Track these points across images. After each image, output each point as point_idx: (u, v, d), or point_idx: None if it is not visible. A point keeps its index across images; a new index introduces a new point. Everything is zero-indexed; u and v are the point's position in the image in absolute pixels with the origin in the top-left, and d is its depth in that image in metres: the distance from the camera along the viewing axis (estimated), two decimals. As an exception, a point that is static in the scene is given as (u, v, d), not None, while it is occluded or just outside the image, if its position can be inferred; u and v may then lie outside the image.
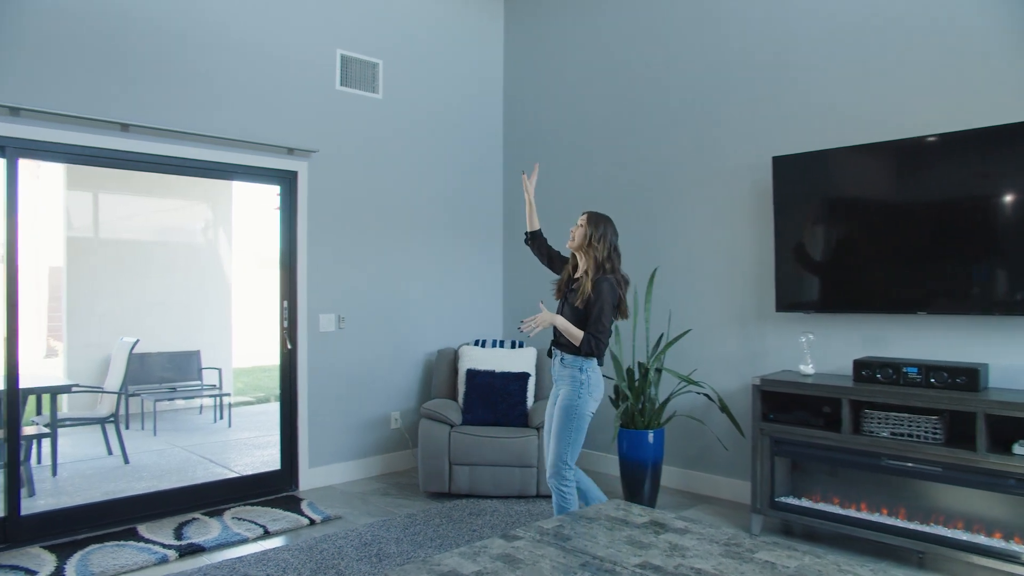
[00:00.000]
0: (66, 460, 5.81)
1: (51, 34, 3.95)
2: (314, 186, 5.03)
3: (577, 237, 3.48)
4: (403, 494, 4.89)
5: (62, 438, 6.33)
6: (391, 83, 5.41)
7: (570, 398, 3.39)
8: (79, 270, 7.50)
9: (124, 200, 7.98)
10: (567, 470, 3.39)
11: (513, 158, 6.13)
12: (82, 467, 5.67)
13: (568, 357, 3.44)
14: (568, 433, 3.38)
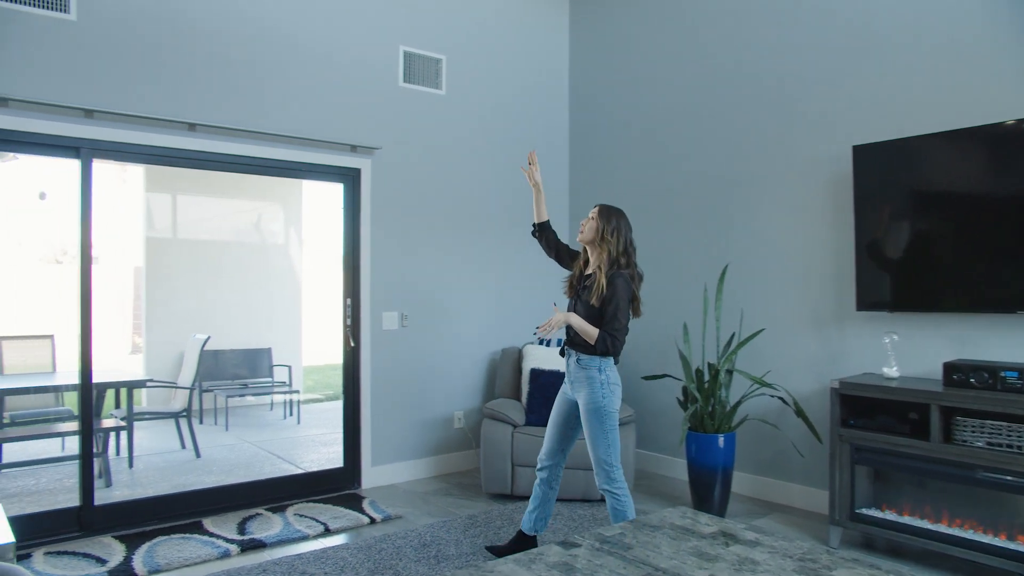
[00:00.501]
0: (143, 452, 5.97)
1: (122, 37, 4.03)
2: (377, 183, 5.02)
3: (588, 230, 3.38)
4: (465, 495, 4.81)
5: (140, 431, 6.55)
6: (454, 78, 5.36)
7: (595, 400, 3.27)
8: (157, 270, 7.73)
9: (200, 201, 8.20)
10: (615, 471, 3.27)
11: (580, 152, 6.00)
12: (157, 460, 5.82)
13: (584, 357, 3.32)
14: (604, 435, 3.27)
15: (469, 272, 5.48)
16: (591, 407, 3.28)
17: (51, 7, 3.84)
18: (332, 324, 4.98)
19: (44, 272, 9.37)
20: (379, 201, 5.04)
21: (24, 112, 3.77)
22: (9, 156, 5.13)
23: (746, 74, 4.81)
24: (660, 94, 5.36)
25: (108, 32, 4.00)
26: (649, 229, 5.41)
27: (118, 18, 4.02)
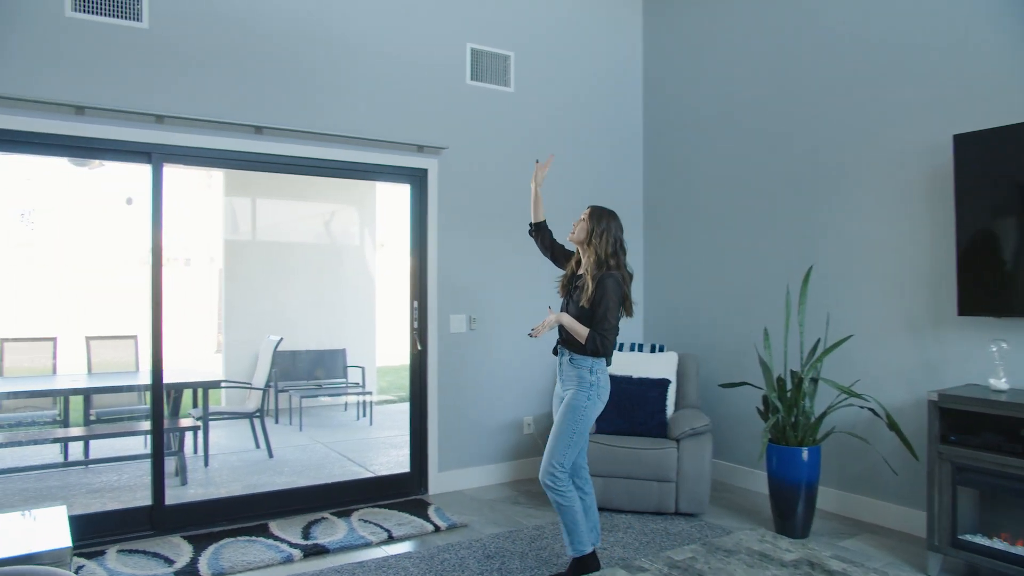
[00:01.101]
0: (219, 451, 6.09)
1: (192, 43, 4.07)
2: (444, 184, 4.93)
3: (579, 231, 3.41)
4: (533, 503, 4.67)
5: (218, 430, 6.70)
6: (523, 75, 5.22)
7: (577, 399, 3.29)
8: (236, 271, 7.90)
9: (278, 204, 8.35)
10: (561, 471, 3.26)
11: (654, 150, 5.76)
12: (231, 459, 5.91)
13: (577, 357, 3.34)
14: (570, 435, 3.27)
15: (539, 272, 5.31)
16: (572, 404, 3.30)
17: (125, 16, 3.91)
18: (405, 325, 4.93)
19: (137, 273, 9.76)
20: (446, 202, 4.95)
21: (99, 120, 3.85)
22: (95, 163, 5.27)
23: (831, 62, 4.49)
24: (739, 85, 5.08)
25: (178, 39, 4.04)
26: (727, 228, 5.14)
27: (188, 25, 4.06)
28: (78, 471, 5.34)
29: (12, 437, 5.39)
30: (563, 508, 3.28)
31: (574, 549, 3.32)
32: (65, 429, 5.65)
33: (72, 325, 6.56)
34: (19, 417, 5.61)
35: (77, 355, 6.12)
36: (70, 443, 5.55)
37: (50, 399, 5.70)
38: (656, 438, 4.55)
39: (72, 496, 4.77)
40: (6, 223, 7.47)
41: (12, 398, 5.56)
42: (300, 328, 7.98)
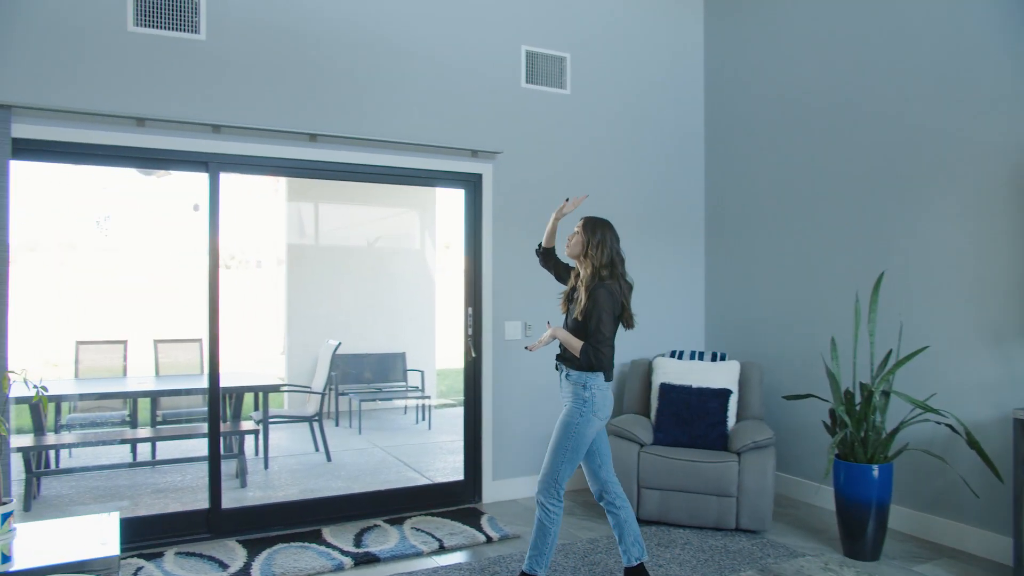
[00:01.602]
0: (280, 454, 6.18)
1: (247, 54, 4.12)
2: (499, 188, 4.87)
3: (575, 244, 3.33)
4: (588, 515, 4.56)
5: (280, 432, 6.80)
6: (579, 77, 5.12)
7: (570, 416, 3.21)
8: (298, 276, 8.03)
9: (338, 209, 8.45)
10: (557, 489, 3.20)
11: (716, 152, 5.57)
12: (291, 462, 5.99)
13: (573, 373, 3.26)
14: (564, 452, 3.19)
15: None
16: (565, 421, 3.22)
17: (183, 29, 3.98)
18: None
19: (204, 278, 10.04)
20: (501, 206, 4.89)
21: (159, 131, 3.93)
22: (162, 172, 5.41)
23: (906, 53, 4.23)
24: (807, 83, 4.85)
25: (234, 50, 4.09)
26: (792, 231, 4.93)
27: (243, 36, 4.11)
28: (145, 471, 5.50)
29: (85, 437, 5.59)
30: (542, 526, 3.21)
31: (529, 566, 3.23)
32: (133, 430, 5.82)
33: (142, 328, 6.77)
34: (91, 417, 5.82)
35: (146, 357, 6.31)
36: (138, 443, 5.73)
37: (121, 400, 5.88)
38: (716, 451, 4.38)
39: (138, 495, 4.90)
40: (83, 231, 7.80)
41: (85, 399, 5.77)
42: (360, 331, 8.06)
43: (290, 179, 7.84)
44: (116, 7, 3.83)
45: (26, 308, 8.62)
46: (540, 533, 3.21)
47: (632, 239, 5.29)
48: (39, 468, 5.00)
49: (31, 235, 8.97)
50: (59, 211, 7.97)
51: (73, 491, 5.03)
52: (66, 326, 7.54)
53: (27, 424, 5.20)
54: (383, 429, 7.45)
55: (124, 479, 5.32)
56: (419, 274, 8.89)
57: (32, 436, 5.10)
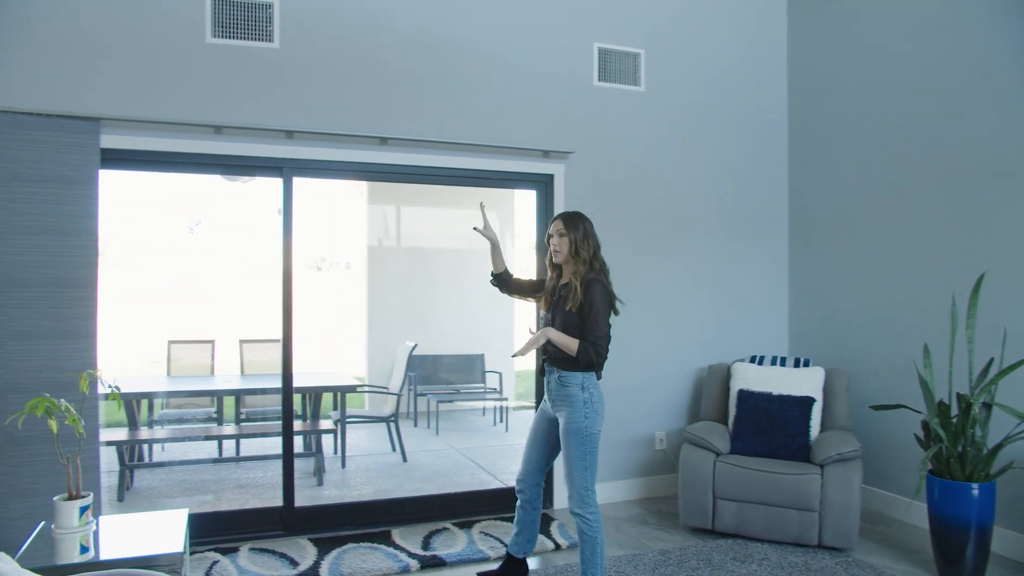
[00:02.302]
0: (358, 453, 6.29)
1: (319, 61, 4.19)
2: (571, 189, 4.79)
3: (563, 248, 3.23)
4: (661, 524, 4.42)
5: (360, 432, 6.93)
6: (654, 73, 4.97)
7: (577, 421, 3.13)
8: (378, 277, 8.17)
9: (418, 212, 8.55)
10: (590, 495, 3.14)
11: (801, 149, 5.30)
12: (367, 461, 6.08)
13: (566, 374, 3.18)
14: (583, 458, 3.13)
15: (672, 281, 5.06)
16: (572, 428, 3.14)
17: (258, 38, 4.08)
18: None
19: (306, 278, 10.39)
20: (574, 207, 4.76)
21: (235, 138, 4.04)
22: (246, 177, 5.60)
23: (1009, 38, 3.90)
24: (898, 73, 4.55)
25: (306, 57, 4.17)
26: (883, 230, 4.63)
27: (315, 43, 4.19)
28: (229, 467, 5.69)
29: (174, 432, 5.85)
30: (586, 537, 3.14)
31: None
32: (219, 427, 6.04)
33: (230, 328, 7.05)
34: (181, 413, 6.08)
35: (233, 357, 6.55)
36: (223, 440, 5.94)
37: (209, 397, 6.12)
38: (797, 462, 4.16)
39: (221, 490, 5.07)
40: (176, 235, 8.21)
41: (174, 396, 6.03)
42: (440, 333, 8.12)
43: (371, 183, 8.02)
44: (195, 20, 3.96)
45: (131, 308, 9.14)
46: (589, 545, 3.15)
47: (710, 239, 5.13)
48: (132, 461, 5.25)
49: (139, 240, 9.50)
50: (158, 217, 8.41)
51: (163, 484, 5.26)
52: (163, 326, 7.92)
53: (123, 419, 5.46)
54: (460, 430, 7.48)
55: (210, 474, 5.53)
56: (498, 275, 8.87)
57: (126, 431, 5.36)
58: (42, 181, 3.65)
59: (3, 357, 3.60)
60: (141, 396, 5.49)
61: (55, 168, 3.67)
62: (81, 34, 3.79)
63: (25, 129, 3.62)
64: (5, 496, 3.60)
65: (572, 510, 3.16)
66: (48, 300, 3.67)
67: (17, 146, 3.61)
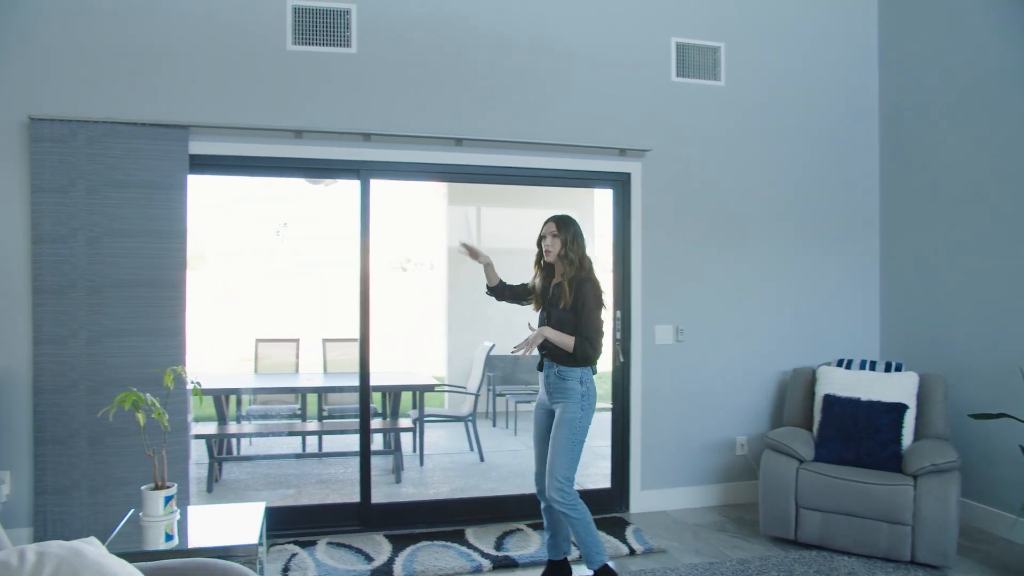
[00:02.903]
0: (436, 452, 6.36)
1: (395, 64, 4.26)
2: (648, 187, 4.70)
3: (555, 248, 3.41)
4: (741, 532, 4.27)
5: (439, 431, 7.01)
6: (735, 68, 4.82)
7: (572, 413, 3.28)
8: (459, 278, 8.24)
9: (497, 212, 8.58)
10: (569, 485, 3.27)
11: (893, 141, 5.02)
12: (445, 460, 6.13)
13: (565, 369, 3.33)
14: (571, 449, 3.29)
15: (754, 281, 4.89)
16: (566, 418, 3.28)
17: (336, 44, 4.18)
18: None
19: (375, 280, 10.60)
20: (651, 206, 4.71)
21: (314, 141, 4.15)
22: (329, 180, 5.75)
23: None
24: (997, 61, 4.24)
25: (382, 60, 4.24)
26: (983, 227, 4.35)
27: (391, 46, 4.25)
28: (312, 462, 5.86)
29: (260, 428, 6.07)
30: (574, 520, 3.27)
31: (592, 561, 3.29)
32: (303, 423, 6.23)
33: (314, 327, 7.26)
34: (267, 409, 6.30)
35: (317, 355, 6.73)
36: (306, 436, 6.12)
37: (293, 394, 6.31)
38: (888, 472, 3.94)
39: (303, 484, 5.22)
40: (265, 238, 8.53)
41: (260, 393, 6.26)
42: (519, 333, 8.09)
43: (450, 184, 8.11)
44: (277, 29, 4.09)
45: (226, 308, 9.55)
46: (577, 528, 3.27)
47: (794, 237, 4.95)
48: (220, 454, 5.46)
49: (232, 243, 9.92)
50: (249, 222, 8.76)
51: (249, 477, 5.46)
52: (253, 325, 8.24)
53: (213, 414, 5.70)
54: (539, 431, 7.45)
55: (293, 468, 5.70)
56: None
57: (215, 425, 5.59)
58: (136, 186, 3.85)
59: (101, 353, 3.81)
60: (229, 392, 5.71)
61: (148, 174, 3.86)
62: (171, 48, 3.97)
63: (121, 138, 3.82)
64: (103, 484, 3.82)
65: (550, 495, 3.28)
66: (141, 299, 3.86)
67: (114, 154, 3.82)
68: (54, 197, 3.76)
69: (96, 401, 3.73)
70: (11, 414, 3.78)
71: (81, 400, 3.78)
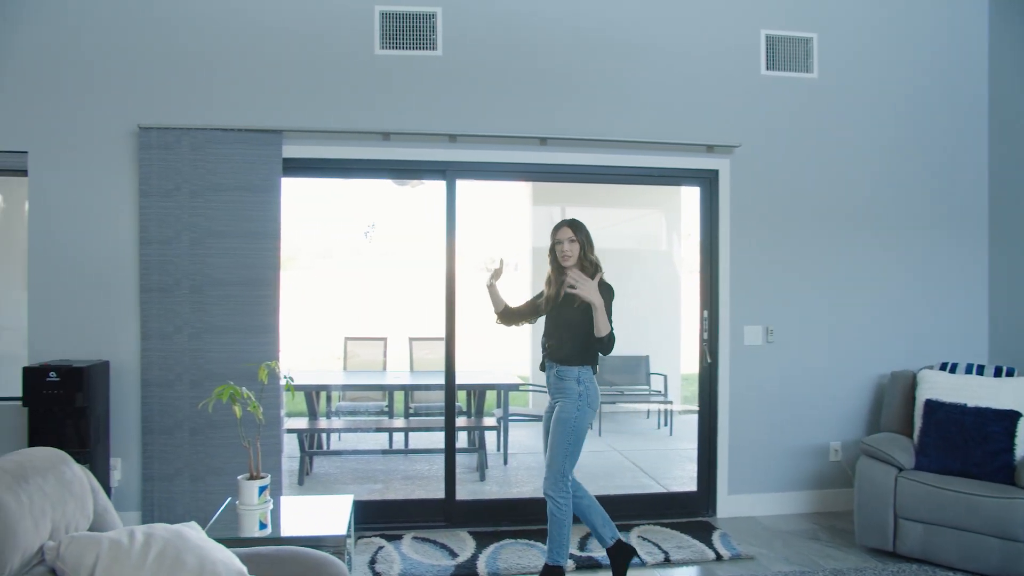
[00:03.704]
0: (520, 451, 6.37)
1: (479, 65, 4.31)
2: (737, 184, 4.58)
3: (573, 254, 3.45)
4: (835, 542, 4.11)
5: (525, 430, 7.03)
6: (828, 59, 4.63)
7: (568, 411, 3.37)
8: (543, 278, 8.22)
9: (583, 212, 8.52)
10: (564, 481, 3.36)
11: (1005, 131, 4.71)
12: (529, 459, 6.14)
13: (563, 369, 3.41)
14: (568, 447, 3.37)
15: (849, 281, 4.69)
16: (563, 417, 3.37)
17: (423, 47, 4.26)
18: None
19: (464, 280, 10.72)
20: (739, 204, 4.59)
21: (401, 143, 4.24)
22: (415, 182, 5.85)
23: None
24: None
25: (468, 62, 4.30)
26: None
27: (476, 48, 4.30)
28: (399, 458, 5.98)
29: (349, 424, 6.24)
30: (555, 519, 3.37)
31: (551, 559, 3.40)
32: (390, 420, 6.36)
33: (402, 326, 7.40)
34: (356, 406, 6.47)
35: (404, 354, 6.87)
36: (393, 432, 6.25)
37: (381, 392, 6.46)
38: (998, 484, 3.70)
39: (390, 480, 5.34)
40: (352, 239, 8.78)
41: (348, 390, 6.43)
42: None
43: (535, 185, 8.12)
44: (365, 35, 4.20)
45: (320, 307, 9.87)
46: (556, 526, 3.37)
47: (893, 235, 4.74)
48: (311, 448, 5.65)
49: (325, 245, 10.25)
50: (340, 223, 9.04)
51: (338, 471, 5.62)
52: (343, 323, 8.48)
53: (304, 409, 5.89)
54: (624, 432, 7.38)
55: (380, 464, 5.83)
56: (665, 275, 8.69)
57: (306, 420, 5.78)
58: (234, 189, 4.03)
59: (202, 348, 4.00)
60: (319, 389, 5.89)
61: (244, 177, 4.04)
62: (266, 56, 4.14)
63: (219, 144, 4.01)
64: (204, 473, 4.01)
65: (546, 491, 3.39)
66: (238, 298, 4.04)
67: (213, 159, 4.01)
68: (160, 201, 3.97)
69: (197, 394, 3.92)
70: (123, 405, 4.02)
71: (184, 393, 3.98)
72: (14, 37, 3.99)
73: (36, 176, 4.01)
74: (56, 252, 4.01)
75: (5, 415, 3.94)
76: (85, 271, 4.02)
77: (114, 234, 4.03)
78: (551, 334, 3.48)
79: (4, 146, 4.00)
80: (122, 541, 1.92)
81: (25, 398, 3.66)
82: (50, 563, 1.85)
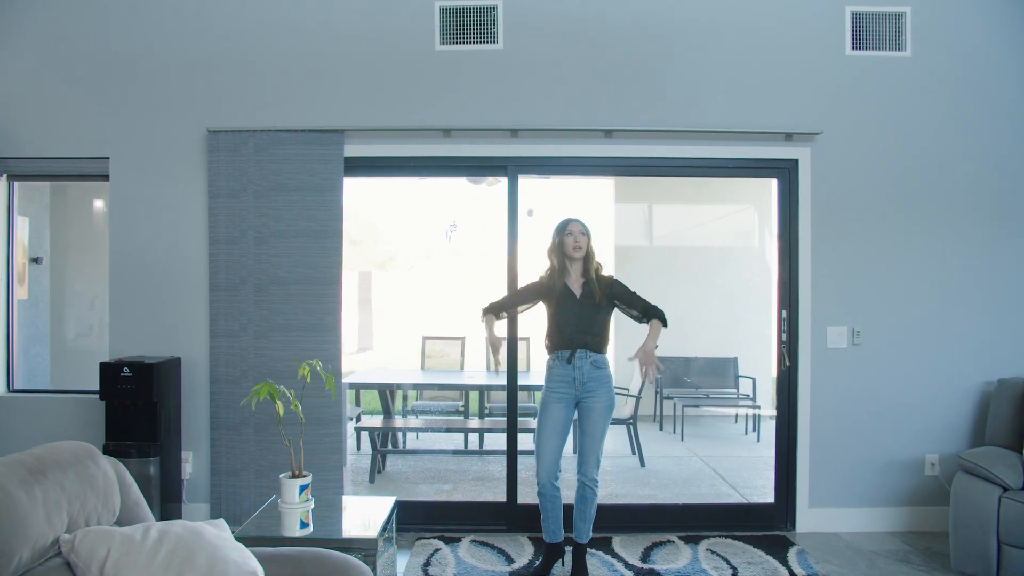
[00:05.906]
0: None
1: (540, 58, 4.19)
2: (819, 174, 4.26)
3: (585, 245, 3.57)
4: (927, 566, 3.74)
5: (601, 433, 6.83)
6: (924, 35, 4.23)
7: (611, 398, 3.55)
8: (626, 277, 7.99)
9: (668, 209, 8.28)
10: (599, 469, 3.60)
11: None
12: (604, 463, 5.87)
13: (600, 357, 3.54)
14: (605, 434, 3.56)
15: (947, 279, 4.27)
16: (607, 404, 3.53)
17: (483, 41, 4.19)
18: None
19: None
20: (821, 196, 4.27)
21: (462, 139, 4.19)
22: (492, 180, 5.80)
23: None
24: None
25: (529, 55, 4.19)
26: None
27: (537, 40, 4.19)
28: (472, 459, 5.93)
29: (424, 423, 6.25)
30: (594, 499, 3.56)
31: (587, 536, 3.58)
32: (465, 420, 6.33)
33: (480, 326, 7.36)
34: (431, 405, 6.48)
35: (482, 353, 6.83)
36: (467, 433, 6.22)
37: (457, 391, 6.44)
38: (1120, 507, 3.26)
39: (460, 480, 5.30)
40: (433, 238, 8.83)
41: (419, 389, 6.44)
42: (691, 334, 7.74)
43: (618, 181, 7.92)
44: (425, 31, 4.17)
45: (409, 307, 10.02)
46: (594, 506, 3.57)
47: (998, 229, 4.30)
48: (383, 446, 5.69)
49: (422, 246, 10.41)
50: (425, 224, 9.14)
51: (411, 470, 5.63)
52: (425, 322, 8.55)
53: (378, 408, 5.96)
54: (708, 437, 7.07)
55: (453, 464, 5.80)
56: (756, 273, 8.28)
57: (381, 418, 5.83)
58: (297, 190, 4.08)
59: (266, 346, 4.08)
60: (388, 387, 5.92)
61: (307, 177, 4.08)
62: (326, 57, 4.18)
63: (283, 144, 4.07)
64: (267, 468, 4.11)
65: (591, 477, 3.53)
66: (301, 296, 4.09)
67: (277, 160, 4.08)
68: (227, 202, 4.08)
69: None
70: (193, 400, 4.16)
71: (249, 389, 4.01)
72: (97, 51, 4.19)
73: (116, 180, 4.21)
74: (133, 252, 4.19)
75: (88, 408, 4.14)
76: (159, 271, 4.18)
77: (185, 235, 4.17)
78: (586, 329, 3.53)
79: (89, 152, 4.22)
80: (135, 537, 1.93)
81: (101, 392, 3.84)
82: (65, 556, 1.88)
